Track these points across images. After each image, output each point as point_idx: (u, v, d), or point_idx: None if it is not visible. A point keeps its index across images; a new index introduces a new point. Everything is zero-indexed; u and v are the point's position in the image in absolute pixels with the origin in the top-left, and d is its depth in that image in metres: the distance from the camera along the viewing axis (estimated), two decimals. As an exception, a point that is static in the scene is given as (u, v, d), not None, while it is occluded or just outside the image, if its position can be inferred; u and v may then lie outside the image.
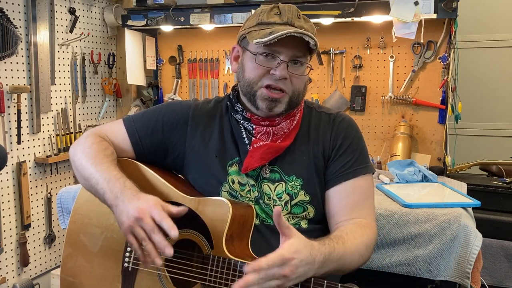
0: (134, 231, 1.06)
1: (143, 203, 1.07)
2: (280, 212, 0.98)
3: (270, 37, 1.14)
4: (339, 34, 2.54)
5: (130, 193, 1.10)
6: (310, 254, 0.99)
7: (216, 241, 1.12)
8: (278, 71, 1.18)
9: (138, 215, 1.04)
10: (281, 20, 1.20)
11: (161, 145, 1.32)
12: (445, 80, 2.34)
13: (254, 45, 1.20)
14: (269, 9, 1.23)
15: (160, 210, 1.05)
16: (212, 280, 1.10)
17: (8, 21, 2.25)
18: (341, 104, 2.56)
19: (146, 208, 1.05)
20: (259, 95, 1.21)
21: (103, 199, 1.15)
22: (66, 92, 2.69)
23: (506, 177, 2.37)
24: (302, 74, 1.22)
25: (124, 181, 1.14)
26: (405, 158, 2.26)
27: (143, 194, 1.11)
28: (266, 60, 1.20)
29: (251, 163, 1.24)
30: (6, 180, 2.34)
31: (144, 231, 1.05)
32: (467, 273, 1.54)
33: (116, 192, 1.12)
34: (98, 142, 1.27)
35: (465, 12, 2.56)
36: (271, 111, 1.22)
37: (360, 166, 1.26)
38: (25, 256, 2.43)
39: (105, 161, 1.20)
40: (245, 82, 1.24)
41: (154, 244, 1.04)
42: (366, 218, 1.23)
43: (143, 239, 1.05)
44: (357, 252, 1.13)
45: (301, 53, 1.20)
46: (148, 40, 2.92)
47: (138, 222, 1.05)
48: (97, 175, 1.17)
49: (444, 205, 1.67)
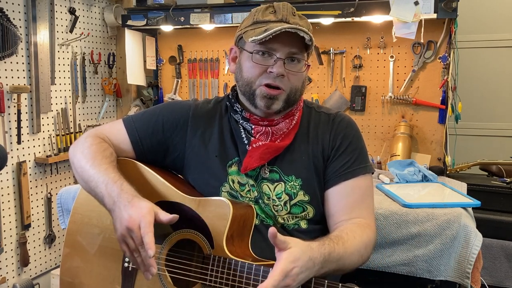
0: (126, 241, 1.07)
1: (135, 212, 1.05)
2: (275, 232, 0.96)
3: (265, 34, 1.15)
4: (339, 34, 2.54)
5: (126, 199, 1.09)
6: (310, 258, 0.99)
7: (216, 241, 1.12)
8: (275, 68, 1.18)
9: (129, 225, 1.04)
10: (276, 18, 1.21)
11: (161, 145, 1.32)
12: (445, 80, 2.34)
13: (251, 44, 1.20)
14: (264, 8, 1.24)
15: (147, 223, 1.03)
16: (213, 280, 1.10)
17: (8, 21, 2.25)
18: (341, 104, 2.56)
19: (136, 218, 1.04)
20: (258, 93, 1.21)
21: (102, 203, 1.15)
22: (66, 92, 2.69)
23: (506, 177, 2.37)
24: (299, 71, 1.22)
25: (121, 183, 1.13)
26: (405, 158, 2.26)
27: (138, 199, 1.10)
28: (263, 58, 1.20)
29: (250, 163, 1.24)
30: (6, 180, 2.34)
31: (134, 243, 1.05)
32: (467, 273, 1.54)
33: (113, 196, 1.11)
34: (98, 143, 1.26)
35: (465, 12, 2.56)
36: (269, 108, 1.22)
37: (359, 166, 1.26)
38: (25, 256, 2.43)
39: (104, 163, 1.19)
40: (243, 81, 1.24)
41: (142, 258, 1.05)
42: (365, 218, 1.23)
43: (133, 251, 1.06)
44: (356, 252, 1.13)
45: (297, 50, 1.20)
46: (148, 40, 2.92)
47: (129, 233, 1.05)
48: (96, 177, 1.16)
49: (444, 205, 1.67)
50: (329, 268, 1.05)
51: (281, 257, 0.97)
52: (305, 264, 0.97)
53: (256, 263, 1.07)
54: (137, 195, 1.11)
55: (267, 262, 1.09)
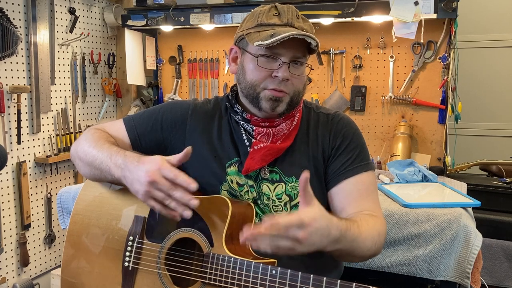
0: (153, 195, 1.07)
1: (149, 165, 1.08)
2: (307, 177, 0.97)
3: (273, 40, 1.14)
4: (339, 34, 2.54)
5: (133, 160, 1.12)
6: (327, 226, 0.98)
7: (216, 239, 1.12)
8: (281, 72, 1.18)
9: (151, 179, 1.06)
10: (280, 22, 1.20)
11: (160, 143, 1.32)
12: (445, 80, 2.35)
13: (255, 47, 1.19)
14: (267, 9, 1.22)
15: (170, 168, 1.06)
16: (212, 278, 1.10)
17: (8, 21, 2.25)
18: (341, 104, 2.56)
19: (155, 169, 1.06)
20: (263, 96, 1.21)
21: (110, 176, 1.17)
22: (66, 92, 2.69)
23: (506, 177, 2.38)
24: (302, 74, 1.22)
25: (123, 152, 1.17)
26: (405, 158, 2.26)
27: (145, 157, 1.12)
28: (268, 62, 1.19)
29: (251, 165, 1.24)
30: (6, 180, 2.34)
31: (162, 192, 1.06)
32: (467, 273, 1.54)
33: (119, 163, 1.14)
34: (100, 132, 1.30)
35: (465, 12, 2.56)
36: (274, 110, 1.22)
37: (360, 164, 1.26)
38: (25, 256, 2.43)
39: (105, 143, 1.23)
40: (246, 84, 1.23)
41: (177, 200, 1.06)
42: (373, 211, 1.22)
43: (164, 199, 1.07)
44: (370, 238, 1.12)
45: (301, 54, 1.20)
46: (148, 40, 2.92)
47: (153, 185, 1.06)
48: (99, 155, 1.20)
49: (444, 205, 1.67)
50: (343, 246, 1.04)
51: (303, 210, 0.97)
52: (321, 228, 0.96)
53: (256, 261, 1.07)
54: (142, 155, 1.14)
55: (267, 260, 1.09)
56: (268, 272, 1.03)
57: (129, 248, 1.23)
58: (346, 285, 0.95)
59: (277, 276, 1.02)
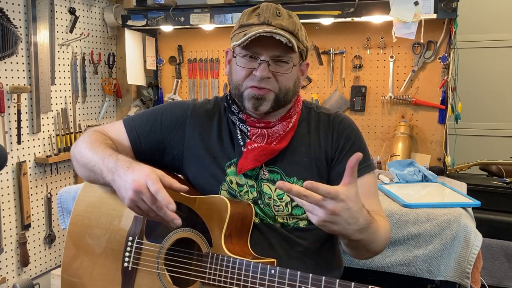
0: (138, 205, 1.05)
1: (137, 174, 1.04)
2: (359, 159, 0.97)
3: (243, 39, 1.16)
4: (339, 34, 2.54)
5: (123, 165, 1.09)
6: (357, 211, 0.99)
7: (214, 239, 1.13)
8: (259, 71, 1.19)
9: (136, 188, 1.02)
10: (258, 21, 1.20)
11: (159, 144, 1.32)
12: (445, 80, 2.34)
13: (237, 48, 1.22)
14: (251, 10, 1.24)
15: (155, 181, 1.02)
16: (211, 278, 1.10)
17: (8, 21, 2.25)
18: (341, 104, 2.56)
19: (142, 179, 1.03)
20: (246, 95, 1.22)
21: (102, 179, 1.15)
22: (66, 92, 2.69)
23: (506, 177, 2.37)
24: (286, 72, 1.22)
25: (116, 155, 1.14)
26: (405, 158, 2.26)
27: (136, 164, 1.09)
28: (248, 61, 1.21)
29: (244, 165, 1.24)
30: (6, 180, 2.34)
31: (146, 204, 1.03)
32: (467, 273, 1.54)
33: (111, 167, 1.11)
34: (98, 134, 1.29)
35: (465, 12, 2.56)
36: (257, 110, 1.22)
37: (363, 165, 1.26)
38: (25, 256, 2.43)
39: (101, 145, 1.22)
40: (233, 84, 1.26)
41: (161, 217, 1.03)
42: (378, 212, 1.24)
43: (148, 211, 1.04)
44: (383, 234, 1.15)
45: (280, 52, 1.19)
46: (148, 40, 2.92)
47: (139, 195, 1.03)
48: (94, 157, 1.18)
49: (444, 205, 1.67)
50: (365, 236, 1.05)
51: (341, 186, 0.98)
52: (353, 210, 0.97)
53: (255, 260, 1.07)
54: (134, 161, 1.11)
55: (267, 260, 1.09)
56: (267, 272, 1.03)
57: (129, 248, 1.23)
58: (345, 284, 0.95)
59: (276, 276, 1.02)
